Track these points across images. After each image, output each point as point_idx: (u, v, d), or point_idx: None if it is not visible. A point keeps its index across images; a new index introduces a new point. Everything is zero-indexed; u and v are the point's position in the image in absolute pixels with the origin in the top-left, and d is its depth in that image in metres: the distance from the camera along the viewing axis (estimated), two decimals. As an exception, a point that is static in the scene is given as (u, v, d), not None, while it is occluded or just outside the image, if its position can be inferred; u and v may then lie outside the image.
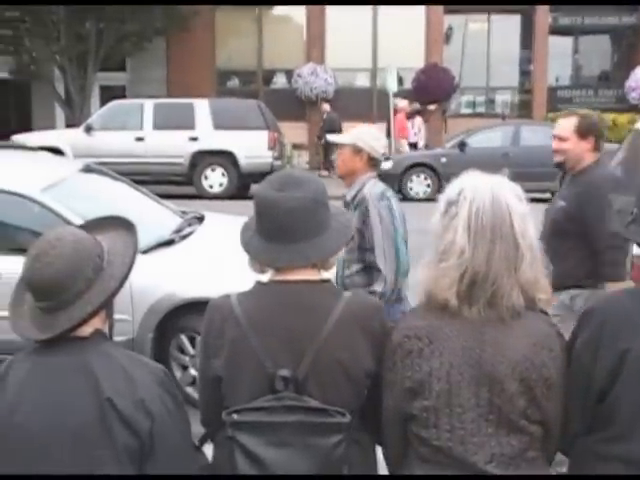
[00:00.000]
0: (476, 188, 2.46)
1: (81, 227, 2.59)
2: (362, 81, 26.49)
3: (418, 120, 22.62)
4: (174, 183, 18.53)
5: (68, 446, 2.31)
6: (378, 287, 4.88)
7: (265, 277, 2.67)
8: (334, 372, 2.53)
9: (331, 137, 5.50)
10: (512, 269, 2.42)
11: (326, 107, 23.18)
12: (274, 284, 2.63)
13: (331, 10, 25.20)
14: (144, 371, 2.42)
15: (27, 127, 24.06)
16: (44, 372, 2.38)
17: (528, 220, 2.46)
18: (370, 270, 4.95)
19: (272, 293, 2.62)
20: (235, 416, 2.47)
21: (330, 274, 2.78)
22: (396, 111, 21.53)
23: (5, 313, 2.94)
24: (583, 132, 4.99)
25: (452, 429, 2.42)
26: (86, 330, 2.41)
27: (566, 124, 5.07)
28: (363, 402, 2.60)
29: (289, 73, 26.03)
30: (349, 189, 5.13)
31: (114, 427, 2.30)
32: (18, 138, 18.81)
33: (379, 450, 2.74)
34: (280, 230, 2.58)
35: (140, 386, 2.36)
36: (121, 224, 2.64)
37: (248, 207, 2.86)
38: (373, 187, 5.05)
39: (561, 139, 5.05)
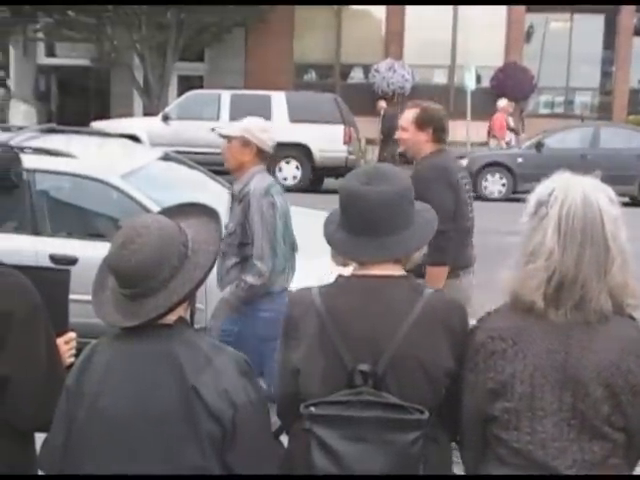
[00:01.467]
0: (568, 189, 2.41)
1: (164, 214, 2.59)
2: (439, 78, 26.35)
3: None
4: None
5: (151, 434, 2.32)
6: (249, 278, 4.92)
7: (347, 271, 2.66)
8: (413, 369, 2.51)
9: (219, 130, 5.48)
10: (601, 272, 2.37)
11: (382, 104, 22.98)
12: (356, 278, 2.63)
13: (411, 5, 25.10)
14: (228, 360, 2.42)
15: (105, 114, 24.38)
16: (128, 359, 2.39)
17: (619, 223, 2.41)
18: (246, 264, 4.97)
19: (354, 287, 2.60)
20: (313, 409, 2.47)
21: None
22: (496, 110, 21.28)
23: (83, 297, 2.98)
24: (421, 123, 5.16)
25: (533, 432, 2.38)
26: (170, 318, 2.42)
27: (408, 115, 5.28)
28: (441, 400, 2.58)
29: (366, 68, 25.99)
30: (237, 182, 5.14)
31: (198, 416, 2.31)
32: (97, 125, 19.06)
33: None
34: (364, 224, 2.57)
35: (224, 375, 2.36)
36: (204, 212, 2.64)
37: (321, 201, 2.86)
38: (259, 182, 5.04)
39: (402, 129, 5.27)
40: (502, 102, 20.85)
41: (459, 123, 22.11)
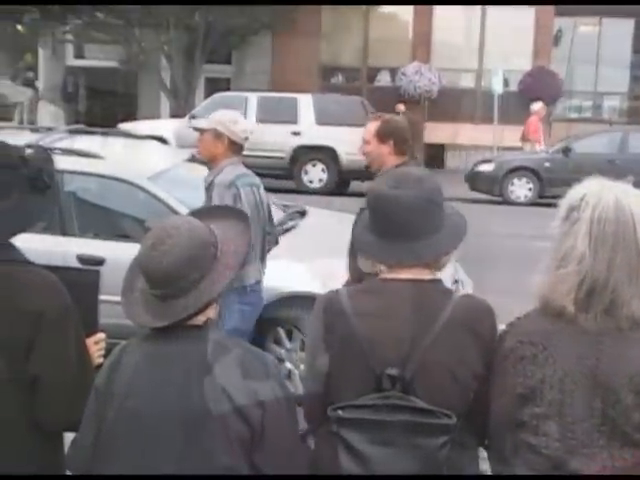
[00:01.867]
0: (599, 194, 2.40)
1: (193, 215, 2.61)
2: (467, 82, 26.25)
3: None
4: (274, 177, 18.67)
5: (180, 434, 2.33)
6: None
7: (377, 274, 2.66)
8: (441, 373, 2.50)
9: (193, 122, 5.52)
10: (633, 277, 2.35)
11: (401, 107, 22.89)
12: (385, 282, 2.62)
13: (438, 9, 25.04)
14: (256, 361, 2.43)
15: (133, 116, 24.47)
16: (158, 359, 2.40)
17: None
18: None
19: (382, 291, 2.60)
20: (340, 412, 2.47)
21: (442, 274, 2.75)
22: (530, 114, 21.16)
23: (110, 297, 2.99)
24: (382, 136, 5.16)
25: (562, 438, 2.37)
26: (199, 319, 2.43)
27: (370, 128, 5.29)
28: (469, 405, 2.57)
29: (393, 71, 25.94)
30: (208, 174, 5.17)
31: (227, 416, 2.32)
32: (125, 126, 19.13)
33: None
34: (393, 228, 2.57)
35: (253, 376, 2.37)
36: (233, 213, 2.65)
37: (347, 203, 2.87)
38: (226, 174, 5.07)
39: (365, 142, 5.28)
40: (536, 105, 20.74)
41: (486, 127, 22.08)
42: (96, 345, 2.89)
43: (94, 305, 2.93)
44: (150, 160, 7.92)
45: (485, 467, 2.66)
